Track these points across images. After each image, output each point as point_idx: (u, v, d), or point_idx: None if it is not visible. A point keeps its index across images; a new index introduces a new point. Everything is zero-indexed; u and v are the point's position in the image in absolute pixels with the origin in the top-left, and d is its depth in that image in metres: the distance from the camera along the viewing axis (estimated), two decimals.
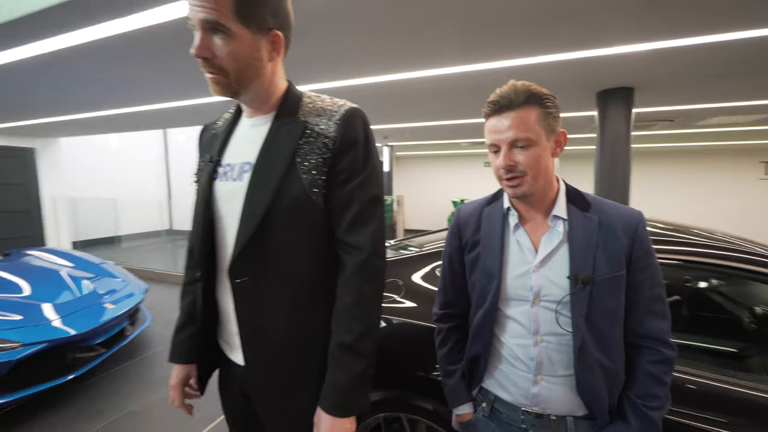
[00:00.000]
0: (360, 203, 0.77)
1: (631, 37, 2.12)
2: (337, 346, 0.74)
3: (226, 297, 0.82)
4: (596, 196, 0.89)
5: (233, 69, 0.72)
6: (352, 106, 0.80)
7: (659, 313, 0.79)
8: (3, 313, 2.29)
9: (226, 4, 0.67)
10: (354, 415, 0.74)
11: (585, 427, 0.80)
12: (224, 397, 0.93)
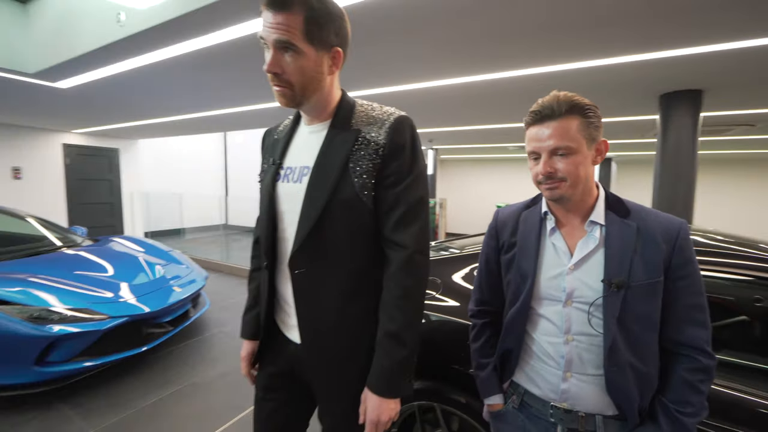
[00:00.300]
0: (406, 204, 0.84)
1: (701, 37, 1.99)
2: (383, 334, 0.83)
3: (285, 284, 0.93)
4: (638, 204, 0.90)
5: (299, 82, 0.81)
6: (401, 115, 0.88)
7: (699, 321, 0.79)
8: (96, 289, 2.68)
9: (298, 27, 0.76)
10: (397, 397, 0.83)
11: (615, 426, 0.81)
12: (267, 371, 1.02)
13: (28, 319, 2.26)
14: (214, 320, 3.73)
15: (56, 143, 6.23)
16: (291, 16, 0.75)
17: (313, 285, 0.87)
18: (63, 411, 2.25)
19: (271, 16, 0.76)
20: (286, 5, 0.75)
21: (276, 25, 0.76)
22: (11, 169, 5.75)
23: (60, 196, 6.32)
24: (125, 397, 2.40)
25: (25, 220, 3.60)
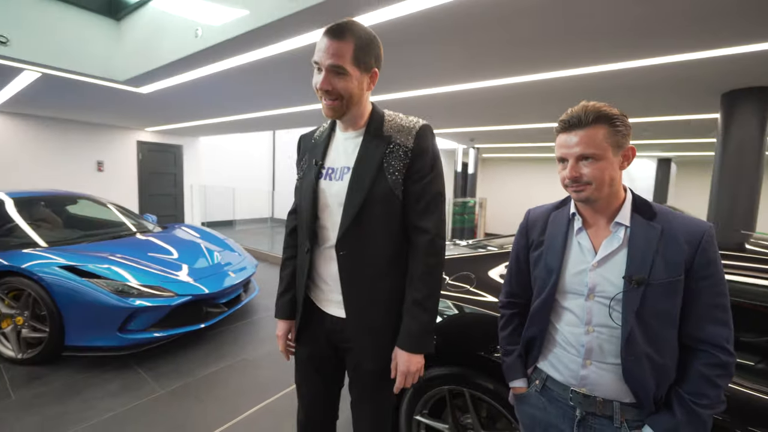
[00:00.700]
0: (429, 196, 1.02)
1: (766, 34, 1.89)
2: (410, 302, 1.01)
3: (324, 266, 1.09)
4: (666, 207, 0.94)
5: (345, 99, 0.97)
6: (424, 123, 1.05)
7: (720, 320, 0.83)
8: (166, 270, 3.05)
9: (349, 54, 0.93)
10: (422, 353, 1.01)
11: (632, 413, 0.87)
12: (308, 345, 1.17)
13: (115, 292, 2.65)
14: (263, 305, 4.06)
15: (132, 140, 7.01)
16: (344, 45, 0.92)
17: (354, 265, 1.03)
18: (139, 373, 2.62)
19: (328, 43, 0.92)
20: (342, 35, 0.92)
21: (333, 50, 0.92)
22: (96, 163, 6.58)
23: (133, 187, 7.11)
24: (188, 366, 2.73)
25: (107, 206, 4.14)
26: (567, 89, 3.03)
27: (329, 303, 1.11)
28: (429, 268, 1.01)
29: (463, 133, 6.64)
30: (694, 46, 2.10)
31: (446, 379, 1.49)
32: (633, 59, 2.34)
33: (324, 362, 1.17)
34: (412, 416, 1.62)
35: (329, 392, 1.22)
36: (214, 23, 2.15)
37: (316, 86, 0.98)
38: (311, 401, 1.22)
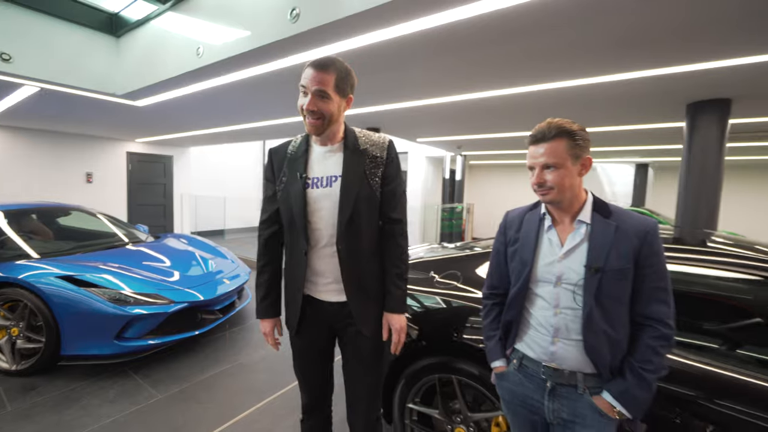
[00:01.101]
0: (398, 194, 1.31)
1: (731, 51, 2.10)
2: (393, 275, 1.29)
3: (321, 261, 1.27)
4: (620, 207, 1.10)
5: (327, 118, 1.18)
6: (390, 138, 1.32)
7: (662, 300, 0.98)
8: (162, 278, 3.11)
9: (331, 83, 1.15)
10: (405, 313, 1.31)
11: (592, 381, 1.01)
12: (309, 335, 1.34)
13: (111, 300, 2.69)
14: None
15: (121, 151, 7.02)
16: (328, 75, 1.14)
17: (350, 254, 1.25)
18: (136, 380, 2.66)
19: (314, 73, 1.14)
20: (327, 68, 1.15)
21: (318, 79, 1.14)
22: (85, 174, 6.56)
23: (122, 198, 7.09)
24: (185, 372, 2.78)
25: (99, 217, 4.17)
26: (548, 100, 3.24)
27: (328, 293, 1.30)
28: (402, 249, 1.31)
29: (451, 142, 6.86)
30: (663, 63, 2.31)
31: (436, 368, 1.61)
32: (607, 74, 2.55)
33: (323, 344, 1.37)
34: (405, 404, 1.73)
35: (327, 370, 1.43)
36: (215, 42, 2.28)
37: (302, 107, 1.17)
38: (315, 383, 1.40)
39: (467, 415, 1.59)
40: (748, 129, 4.01)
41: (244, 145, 10.34)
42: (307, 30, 1.84)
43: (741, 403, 1.13)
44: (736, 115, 3.27)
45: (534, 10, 1.66)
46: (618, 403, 0.98)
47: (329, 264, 1.26)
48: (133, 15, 3.04)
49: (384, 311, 1.30)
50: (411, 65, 2.42)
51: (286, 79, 2.71)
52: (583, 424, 1.02)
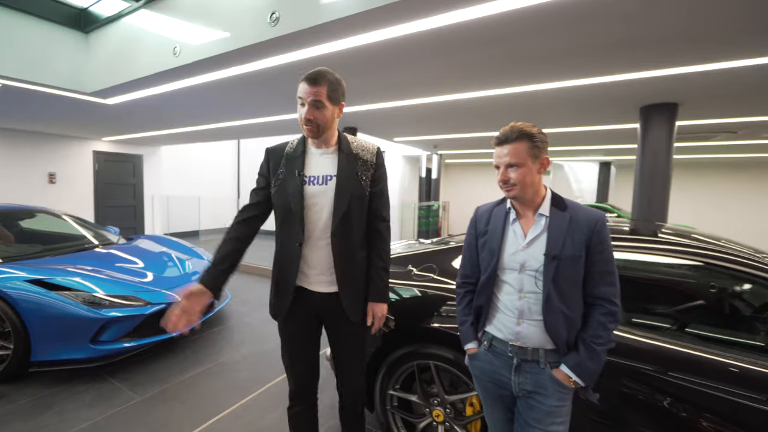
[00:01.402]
0: (385, 195, 1.48)
1: (676, 61, 2.31)
2: (378, 268, 1.44)
3: (313, 254, 1.38)
4: (574, 201, 1.24)
5: (322, 125, 1.33)
6: (378, 146, 1.48)
7: (609, 282, 1.13)
8: (138, 280, 3.06)
9: (324, 93, 1.30)
10: (386, 302, 1.46)
11: (552, 356, 1.15)
12: (294, 321, 1.44)
13: (85, 303, 2.64)
14: (235, 312, 4.10)
15: (87, 150, 6.72)
16: (321, 87, 1.30)
17: (343, 247, 1.38)
18: (113, 383, 2.62)
19: (308, 87, 1.29)
20: (319, 82, 1.30)
21: (312, 92, 1.29)
22: (47, 174, 6.24)
23: (89, 199, 6.79)
24: (165, 373, 2.77)
25: (63, 218, 4.01)
26: (517, 102, 3.42)
27: (318, 284, 1.41)
28: (386, 244, 1.48)
29: (427, 141, 7.02)
30: (618, 70, 2.52)
31: (414, 355, 1.72)
32: (569, 79, 2.74)
33: (310, 332, 1.49)
34: (386, 391, 1.83)
35: (314, 357, 1.52)
36: (193, 42, 2.28)
37: (301, 116, 1.32)
38: (302, 370, 1.49)
39: (444, 397, 1.71)
40: (693, 130, 4.39)
41: (219, 144, 10.11)
42: (287, 34, 1.89)
43: (691, 374, 1.30)
44: (683, 118, 3.58)
45: (500, 24, 1.79)
46: (573, 373, 1.11)
47: (321, 256, 1.38)
48: (103, 11, 2.96)
49: (368, 300, 1.44)
50: (388, 68, 2.51)
51: (266, 79, 2.74)
52: (545, 395, 1.16)
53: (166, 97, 3.35)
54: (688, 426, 1.29)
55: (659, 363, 1.36)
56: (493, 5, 1.64)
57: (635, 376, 1.37)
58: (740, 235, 7.60)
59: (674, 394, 1.31)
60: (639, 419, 1.37)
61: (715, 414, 1.26)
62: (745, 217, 8.63)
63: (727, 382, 1.27)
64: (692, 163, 8.74)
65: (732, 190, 8.76)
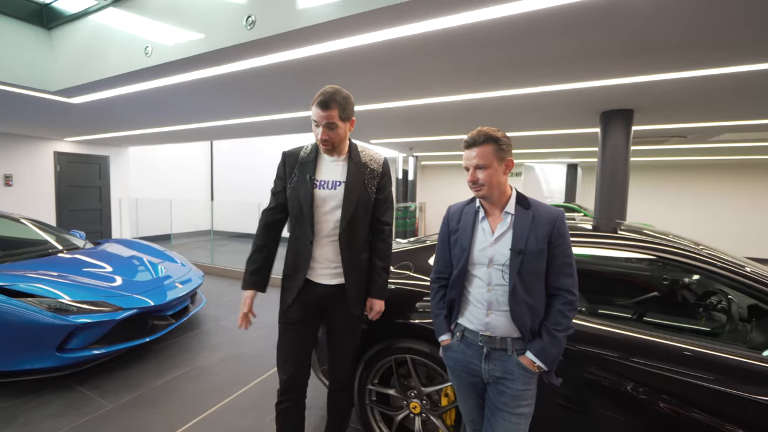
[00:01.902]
0: (389, 202, 1.63)
1: (628, 71, 2.51)
2: (379, 267, 1.60)
3: (322, 250, 1.53)
4: (536, 200, 1.34)
5: (336, 142, 1.49)
6: (384, 156, 1.62)
7: (568, 274, 1.24)
8: (108, 285, 2.97)
9: (337, 114, 1.43)
10: (384, 299, 1.61)
11: (519, 344, 1.24)
12: (299, 310, 1.56)
13: (51, 310, 2.54)
14: (210, 316, 4.03)
15: (47, 151, 6.37)
16: (332, 111, 1.43)
17: (349, 246, 1.52)
18: (82, 392, 2.53)
19: (321, 112, 1.42)
20: (330, 106, 1.42)
21: (325, 116, 1.43)
22: (2, 177, 5.87)
23: (50, 202, 6.44)
24: (138, 379, 2.70)
25: (22, 222, 3.80)
26: (488, 107, 3.57)
27: (324, 276, 1.56)
28: (388, 246, 1.63)
29: (403, 143, 7.13)
30: (579, 78, 2.70)
31: (392, 350, 1.79)
32: (535, 86, 2.90)
33: (310, 323, 1.60)
34: (364, 386, 1.89)
35: (308, 351, 1.64)
36: (166, 42, 2.25)
37: (317, 136, 1.47)
38: (295, 360, 1.58)
39: (420, 389, 1.79)
40: (648, 135, 4.72)
41: (191, 145, 9.82)
42: (263, 37, 1.91)
43: (649, 359, 1.42)
44: (638, 123, 3.85)
45: (468, 34, 1.89)
46: (537, 359, 1.21)
47: (327, 252, 1.53)
48: (68, 8, 2.85)
49: (368, 296, 1.60)
50: (363, 72, 2.57)
51: (242, 81, 2.74)
52: (512, 379, 1.25)
53: (137, 97, 3.26)
54: (646, 407, 1.39)
55: (622, 350, 1.46)
56: (462, 17, 1.74)
57: (599, 362, 1.47)
58: (695, 231, 8.12)
59: (634, 378, 1.41)
60: (601, 402, 1.47)
61: (671, 395, 1.37)
62: (698, 214, 9.28)
63: (682, 365, 1.38)
64: (653, 165, 9.32)
65: (687, 189, 9.41)
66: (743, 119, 3.97)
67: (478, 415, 1.38)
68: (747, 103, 3.27)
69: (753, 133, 4.57)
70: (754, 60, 2.23)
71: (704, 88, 2.79)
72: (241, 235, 9.72)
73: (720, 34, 1.88)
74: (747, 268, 1.52)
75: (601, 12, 1.67)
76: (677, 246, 1.69)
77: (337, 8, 1.72)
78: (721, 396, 1.31)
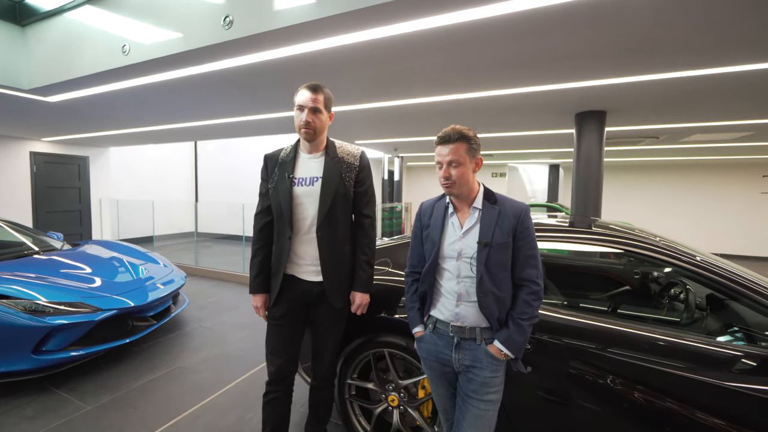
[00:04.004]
0: (369, 195, 1.66)
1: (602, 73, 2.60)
2: (362, 261, 1.62)
3: (302, 246, 1.57)
4: (503, 194, 1.40)
5: (318, 129, 1.53)
6: (362, 150, 1.67)
7: (533, 265, 1.30)
8: (86, 286, 2.93)
9: (322, 101, 1.51)
10: (369, 293, 1.64)
11: (487, 333, 1.30)
12: (283, 306, 1.60)
13: (26, 311, 2.49)
14: (193, 317, 4.00)
15: (23, 152, 6.19)
16: (319, 95, 1.51)
17: (328, 240, 1.56)
18: (59, 394, 2.49)
19: (310, 94, 1.50)
20: (317, 91, 1.51)
21: (313, 99, 1.50)
22: None
23: (26, 204, 6.26)
24: (117, 381, 2.67)
25: None
26: (466, 107, 3.65)
27: (306, 273, 1.60)
28: (370, 239, 1.65)
29: (387, 144, 7.18)
30: (553, 80, 2.79)
31: (370, 345, 1.83)
32: (512, 87, 2.98)
33: (296, 317, 1.64)
34: (344, 381, 1.92)
35: (295, 343, 1.67)
36: (144, 41, 2.24)
37: (301, 120, 1.51)
38: (283, 353, 1.62)
39: (398, 382, 1.83)
40: (621, 135, 4.89)
41: (174, 145, 9.67)
42: (240, 37, 1.93)
43: (624, 349, 1.47)
44: (611, 124, 3.99)
45: (447, 34, 1.95)
46: (504, 347, 1.27)
47: (309, 249, 1.57)
48: (42, 5, 2.81)
49: (352, 290, 1.63)
50: (344, 73, 2.61)
51: (222, 80, 2.74)
52: (481, 367, 1.30)
53: (116, 96, 3.22)
54: (623, 397, 1.44)
55: (598, 341, 1.51)
56: (436, 19, 1.80)
57: (576, 354, 1.52)
58: (671, 229, 8.33)
59: (610, 369, 1.46)
60: (579, 394, 1.52)
61: (645, 384, 1.42)
62: (673, 212, 9.61)
63: (655, 354, 1.44)
64: (631, 165, 9.61)
65: (661, 188, 9.73)
66: (712, 120, 4.16)
67: (450, 404, 1.43)
68: (716, 105, 3.43)
69: (721, 134, 4.78)
70: (723, 63, 2.35)
71: (675, 90, 2.92)
72: (225, 236, 9.61)
73: (688, 39, 1.98)
74: (698, 258, 1.61)
75: (576, 15, 1.74)
76: (639, 239, 1.77)
77: (312, 9, 1.76)
78: (685, 381, 1.38)
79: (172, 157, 9.68)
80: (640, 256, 1.71)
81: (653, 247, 1.67)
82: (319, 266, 1.56)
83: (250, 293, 1.66)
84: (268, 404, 1.64)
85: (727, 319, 1.77)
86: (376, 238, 1.68)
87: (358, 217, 1.64)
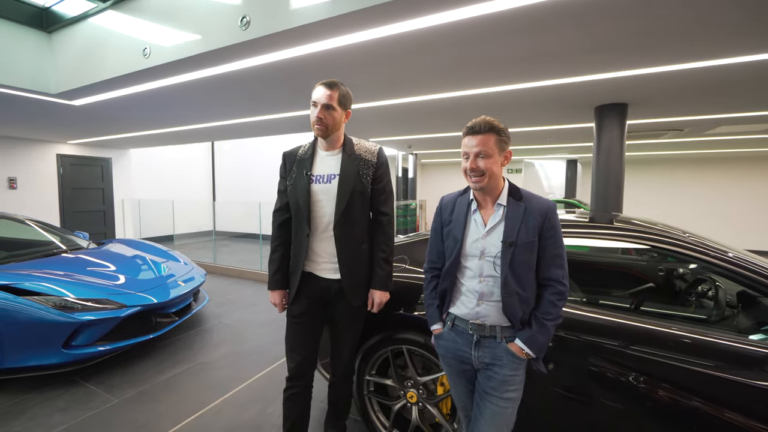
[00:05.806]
0: (387, 192, 1.65)
1: (623, 65, 2.52)
2: (380, 258, 1.61)
3: (320, 244, 1.58)
4: (529, 191, 1.37)
5: (331, 125, 1.52)
6: (380, 147, 1.65)
7: (559, 265, 1.26)
8: (112, 283, 3.03)
9: (336, 98, 1.51)
10: (387, 290, 1.63)
11: (508, 332, 1.28)
12: (302, 304, 1.61)
13: (56, 307, 2.59)
14: (213, 314, 4.09)
15: (50, 154, 6.44)
16: (334, 92, 1.51)
17: (345, 238, 1.56)
18: (88, 387, 2.59)
19: (324, 90, 1.50)
20: (334, 87, 1.51)
21: (327, 95, 1.50)
22: (7, 180, 5.95)
23: (54, 204, 6.51)
24: (142, 375, 2.75)
25: (27, 224, 3.87)
26: (485, 103, 3.59)
27: (324, 270, 1.61)
28: (388, 236, 1.64)
29: (401, 141, 7.16)
30: (574, 73, 2.72)
31: (389, 342, 1.83)
32: (531, 81, 2.92)
33: (315, 314, 1.65)
34: (362, 377, 1.93)
35: (314, 339, 1.68)
36: (164, 44, 2.29)
37: (313, 116, 1.51)
38: (302, 349, 1.64)
39: (417, 379, 1.83)
40: (643, 128, 4.73)
41: (192, 146, 9.87)
42: (257, 37, 1.95)
43: (648, 346, 1.43)
44: (633, 117, 3.86)
45: (467, 28, 1.93)
46: (526, 346, 1.25)
47: (327, 246, 1.58)
48: (67, 11, 2.90)
49: (370, 287, 1.63)
50: (359, 70, 2.61)
51: (240, 80, 2.78)
52: (501, 365, 1.28)
53: (137, 99, 3.31)
54: (647, 395, 1.40)
55: (621, 338, 1.47)
56: (453, 13, 1.77)
57: (599, 351, 1.48)
58: (696, 225, 8.12)
59: (634, 367, 1.42)
60: (601, 392, 1.48)
61: (671, 383, 1.37)
62: (698, 207, 9.27)
63: (681, 352, 1.39)
64: (654, 159, 9.31)
65: (686, 184, 9.39)
66: (739, 111, 3.98)
67: (470, 401, 1.41)
68: (742, 95, 3.28)
69: (749, 125, 4.57)
70: (748, 51, 2.24)
71: (697, 80, 2.81)
72: (243, 234, 9.78)
73: (714, 27, 1.90)
74: (730, 253, 1.55)
75: (598, 6, 1.69)
76: (666, 234, 1.72)
77: (328, 7, 1.76)
78: (713, 380, 1.33)
79: (190, 158, 9.89)
80: (668, 253, 1.65)
81: (682, 243, 1.62)
82: (337, 264, 1.56)
83: (268, 289, 1.69)
84: (288, 399, 1.66)
85: (760, 317, 1.69)
86: (394, 231, 1.68)
87: (376, 214, 1.63)
